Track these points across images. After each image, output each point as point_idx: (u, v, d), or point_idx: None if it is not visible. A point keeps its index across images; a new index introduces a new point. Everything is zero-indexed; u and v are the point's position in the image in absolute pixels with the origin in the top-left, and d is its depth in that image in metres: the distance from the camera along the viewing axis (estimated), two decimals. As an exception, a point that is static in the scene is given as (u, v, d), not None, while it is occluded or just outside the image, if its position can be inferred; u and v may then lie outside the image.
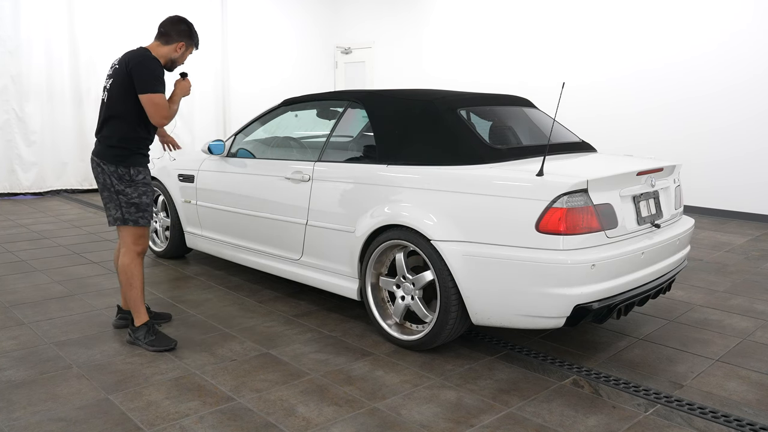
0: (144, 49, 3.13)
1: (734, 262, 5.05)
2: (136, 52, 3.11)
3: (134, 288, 3.14)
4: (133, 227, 3.12)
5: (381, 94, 3.63)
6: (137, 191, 3.11)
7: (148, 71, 3.02)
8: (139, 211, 3.11)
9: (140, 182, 3.12)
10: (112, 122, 3.11)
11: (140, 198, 3.11)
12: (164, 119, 3.07)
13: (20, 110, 8.21)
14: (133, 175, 3.11)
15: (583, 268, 2.64)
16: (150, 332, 3.14)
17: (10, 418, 2.42)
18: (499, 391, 2.72)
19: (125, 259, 3.14)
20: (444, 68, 9.76)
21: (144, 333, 3.14)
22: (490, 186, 2.84)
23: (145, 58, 3.05)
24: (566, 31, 8.28)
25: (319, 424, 2.41)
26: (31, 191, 8.45)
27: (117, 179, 3.09)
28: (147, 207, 3.15)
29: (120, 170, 3.09)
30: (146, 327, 3.15)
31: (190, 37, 3.23)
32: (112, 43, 8.87)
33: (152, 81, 3.01)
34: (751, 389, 2.76)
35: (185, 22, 3.23)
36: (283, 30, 10.74)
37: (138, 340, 3.14)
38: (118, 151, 3.10)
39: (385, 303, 3.32)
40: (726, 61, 6.93)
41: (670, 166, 3.35)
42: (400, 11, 10.37)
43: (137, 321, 3.16)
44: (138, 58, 3.05)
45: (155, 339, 3.13)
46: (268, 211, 3.88)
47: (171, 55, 3.20)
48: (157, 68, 3.07)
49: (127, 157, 3.10)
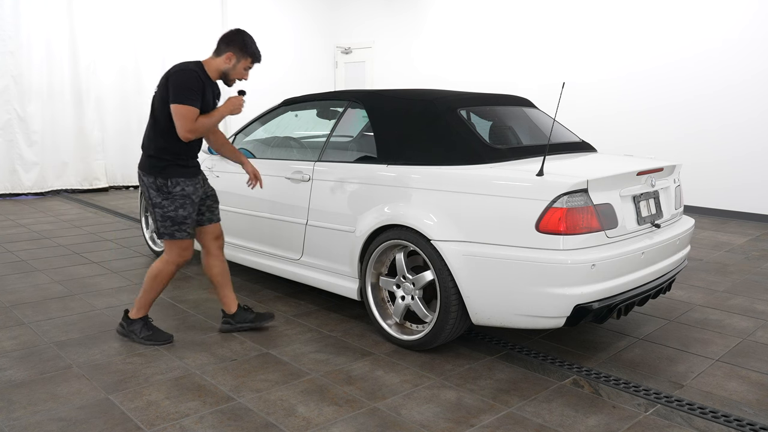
0: (188, 62, 3.06)
1: (734, 262, 5.04)
2: (178, 64, 3.05)
3: (154, 291, 3.16)
4: (174, 241, 3.08)
5: (381, 94, 3.63)
6: (174, 204, 3.04)
7: (180, 82, 2.94)
8: (174, 224, 3.05)
9: (177, 194, 3.04)
10: (151, 132, 3.09)
11: (176, 211, 3.04)
12: (188, 132, 2.95)
13: (21, 110, 8.22)
14: (171, 186, 3.03)
15: (583, 268, 2.64)
16: (146, 327, 3.17)
17: (10, 418, 2.42)
18: (499, 391, 2.72)
19: (161, 264, 3.12)
20: (444, 68, 9.76)
21: (140, 326, 3.16)
22: (490, 186, 2.84)
23: (181, 69, 2.99)
24: (566, 31, 8.28)
25: (319, 424, 2.41)
26: (33, 191, 8.45)
27: (155, 191, 3.06)
28: (184, 220, 3.06)
29: (158, 182, 3.04)
30: (143, 321, 3.18)
31: (240, 48, 3.07)
32: (112, 43, 8.91)
33: (181, 91, 2.92)
34: (751, 389, 2.76)
35: (237, 33, 3.10)
36: (283, 30, 10.74)
37: (132, 333, 3.16)
38: (155, 161, 3.06)
39: (385, 303, 3.32)
40: (726, 61, 6.93)
41: (670, 166, 3.35)
42: (400, 11, 10.37)
43: (134, 314, 3.18)
44: (175, 68, 3.01)
45: (152, 334, 3.15)
46: (268, 211, 3.89)
47: (222, 67, 3.09)
48: (191, 80, 2.95)
49: (163, 168, 3.04)
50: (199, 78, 2.99)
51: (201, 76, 3.01)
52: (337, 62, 11.49)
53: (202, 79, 3.01)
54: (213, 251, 3.31)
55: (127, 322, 3.20)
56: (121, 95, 9.12)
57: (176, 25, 9.49)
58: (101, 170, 9.03)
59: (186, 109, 2.93)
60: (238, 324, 3.37)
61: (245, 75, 3.16)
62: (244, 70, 3.14)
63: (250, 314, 3.39)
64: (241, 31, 3.11)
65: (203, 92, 3.01)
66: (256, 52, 3.13)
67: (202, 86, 3.00)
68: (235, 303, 3.39)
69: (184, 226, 3.07)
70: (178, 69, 2.99)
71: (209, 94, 3.08)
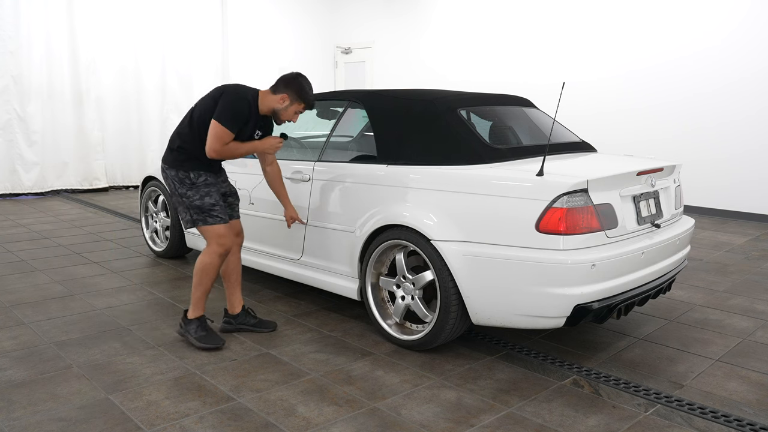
0: (246, 88, 3.12)
1: (734, 262, 5.04)
2: (235, 86, 3.12)
3: (203, 285, 3.13)
4: (206, 227, 3.10)
5: (381, 94, 3.63)
6: (198, 193, 3.09)
7: (229, 104, 3.01)
8: (203, 212, 3.09)
9: (201, 184, 3.10)
10: (183, 130, 3.14)
11: (202, 200, 3.09)
12: (214, 152, 3.01)
13: (22, 110, 8.22)
14: (194, 178, 3.10)
15: (583, 268, 2.64)
16: (201, 327, 3.15)
17: (10, 418, 2.42)
18: (499, 391, 2.72)
19: (205, 257, 3.12)
20: (444, 68, 9.76)
21: (195, 327, 3.14)
22: (490, 186, 2.84)
23: (237, 95, 3.05)
24: (566, 30, 8.28)
25: (319, 424, 2.41)
26: (33, 191, 8.45)
27: (179, 183, 3.11)
28: (212, 206, 3.10)
29: (180, 174, 3.10)
30: (198, 321, 3.16)
31: (296, 93, 3.11)
32: (112, 42, 8.91)
33: (226, 113, 2.99)
34: (751, 389, 2.76)
35: (297, 78, 3.14)
36: (283, 30, 10.74)
37: (188, 333, 3.14)
38: (177, 155, 3.12)
39: (385, 303, 3.32)
40: (726, 59, 6.93)
41: (670, 166, 3.35)
42: (400, 11, 10.37)
43: (192, 314, 3.17)
44: (233, 89, 3.08)
45: (206, 335, 3.13)
46: (268, 210, 3.89)
47: (274, 105, 3.13)
48: (241, 108, 3.03)
49: (185, 160, 3.11)
50: (249, 108, 3.07)
51: (252, 107, 3.08)
52: (337, 62, 11.49)
53: (252, 110, 3.08)
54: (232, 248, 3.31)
55: (184, 321, 3.18)
56: (121, 95, 9.12)
57: (176, 25, 9.49)
58: (101, 170, 9.03)
59: (222, 131, 2.99)
60: (238, 325, 3.37)
61: (294, 118, 3.19)
62: (295, 113, 3.16)
63: (252, 319, 3.39)
64: (300, 76, 3.15)
65: (246, 122, 3.09)
66: (310, 100, 3.16)
67: (248, 117, 3.08)
68: (240, 305, 3.40)
69: (213, 212, 3.10)
70: (235, 93, 3.06)
71: (251, 125, 3.14)
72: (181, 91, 9.66)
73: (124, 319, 3.58)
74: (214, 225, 3.10)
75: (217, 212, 3.11)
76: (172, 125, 9.66)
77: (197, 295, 3.15)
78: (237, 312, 3.39)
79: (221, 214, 3.12)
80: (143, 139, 9.42)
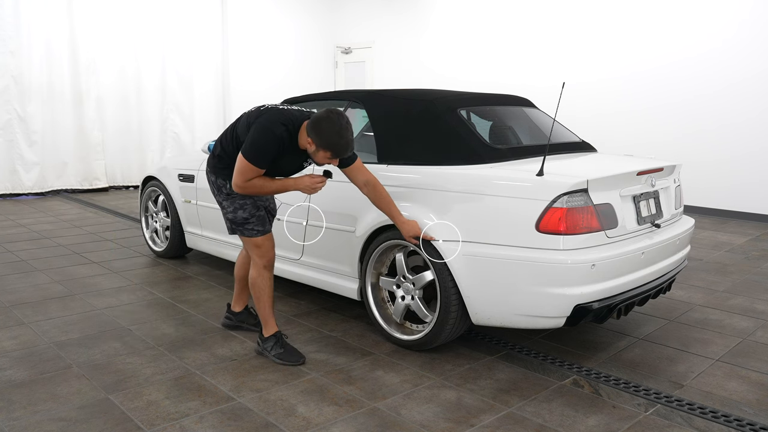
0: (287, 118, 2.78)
1: (734, 262, 5.04)
2: (270, 115, 2.80)
3: (261, 301, 3.04)
4: (244, 238, 3.02)
5: (381, 94, 3.63)
6: (233, 205, 2.98)
7: (257, 138, 2.74)
8: (237, 225, 2.99)
9: (236, 196, 2.97)
10: (224, 137, 3.01)
11: (235, 213, 2.98)
12: (235, 186, 2.81)
13: (22, 110, 8.22)
14: (229, 188, 2.99)
15: (583, 268, 2.64)
16: (278, 344, 3.03)
17: (10, 418, 2.42)
18: (499, 391, 2.72)
19: (252, 272, 3.04)
20: (444, 68, 9.76)
21: (272, 344, 3.04)
22: (490, 186, 2.84)
23: (267, 126, 2.74)
24: (566, 31, 8.28)
25: (319, 424, 2.41)
26: (33, 191, 8.45)
27: (217, 190, 3.05)
28: (245, 221, 2.97)
29: (219, 181, 3.03)
30: (275, 338, 3.05)
31: (321, 140, 2.66)
32: (112, 43, 8.91)
33: (252, 147, 2.73)
34: (751, 389, 2.76)
35: (321, 120, 2.66)
36: (283, 30, 10.75)
37: (266, 351, 3.06)
38: (216, 161, 3.03)
39: (385, 303, 3.32)
40: (726, 61, 6.93)
41: (670, 165, 3.35)
42: (400, 11, 10.37)
43: (266, 332, 3.08)
44: (263, 120, 2.78)
45: (284, 352, 3.02)
46: (268, 211, 3.88)
47: (305, 145, 2.79)
48: (267, 143, 2.72)
49: (223, 168, 2.99)
50: (281, 143, 2.76)
51: (285, 140, 2.76)
52: (337, 62, 11.49)
53: (284, 143, 2.77)
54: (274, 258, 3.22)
55: (262, 340, 3.09)
56: (122, 95, 9.12)
57: (176, 24, 9.49)
58: (101, 170, 9.03)
59: (246, 165, 2.75)
60: (238, 322, 3.39)
61: (330, 162, 2.77)
62: (326, 159, 2.75)
63: (253, 319, 3.39)
64: (327, 118, 2.66)
65: (280, 155, 2.81)
66: (333, 146, 2.67)
67: (280, 151, 2.78)
68: (244, 305, 3.42)
69: (248, 225, 2.98)
70: (265, 124, 2.75)
71: (288, 159, 2.89)
72: (181, 91, 9.66)
73: (124, 319, 3.58)
74: (251, 237, 3.00)
75: (253, 225, 2.98)
76: (172, 125, 9.67)
77: (262, 313, 3.07)
78: (239, 310, 3.41)
79: (258, 227, 2.98)
80: (143, 139, 9.42)
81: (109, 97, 9.00)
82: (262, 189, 2.84)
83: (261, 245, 3.01)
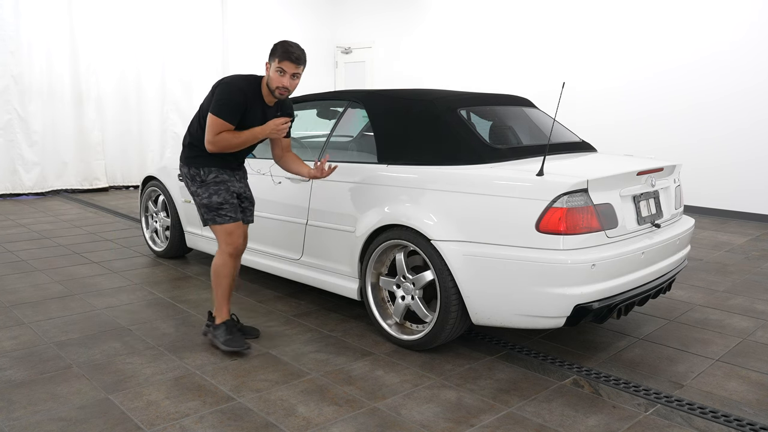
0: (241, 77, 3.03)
1: (734, 262, 5.04)
2: (231, 76, 3.04)
3: (221, 287, 3.11)
4: (217, 226, 3.07)
5: (381, 94, 3.63)
6: (207, 191, 3.06)
7: (221, 95, 2.94)
8: (211, 210, 3.05)
9: (211, 182, 3.06)
10: (192, 126, 3.12)
11: (210, 198, 3.05)
12: (207, 143, 2.96)
13: (22, 110, 8.22)
14: (204, 175, 3.07)
15: (583, 267, 2.64)
16: (227, 331, 3.10)
17: (10, 418, 2.42)
18: (499, 391, 2.72)
19: (218, 259, 3.11)
20: (444, 68, 9.76)
21: (222, 331, 3.10)
22: (490, 186, 2.84)
23: (229, 83, 2.97)
24: (567, 32, 8.27)
25: (319, 424, 2.41)
26: (33, 191, 8.45)
27: (191, 180, 3.11)
28: (220, 205, 3.05)
29: (191, 171, 3.09)
30: (225, 326, 3.12)
31: (270, 54, 2.93)
32: (112, 43, 8.91)
33: (218, 103, 2.92)
34: (751, 389, 2.76)
35: (280, 41, 2.97)
36: (283, 30, 10.73)
37: (215, 337, 3.12)
38: (188, 151, 3.12)
39: (385, 303, 3.32)
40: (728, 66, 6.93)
41: (670, 165, 3.35)
42: (400, 11, 10.37)
43: (218, 318, 3.15)
44: (226, 79, 3.01)
45: (231, 338, 3.08)
46: (268, 210, 3.89)
47: (267, 80, 2.99)
48: (232, 95, 2.92)
49: (195, 156, 3.09)
50: (242, 94, 2.94)
51: (247, 93, 2.96)
52: (337, 62, 11.49)
53: (247, 96, 2.95)
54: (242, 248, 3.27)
55: (212, 326, 3.15)
56: (122, 95, 9.12)
57: (176, 25, 9.49)
58: (101, 170, 9.03)
59: (214, 120, 2.93)
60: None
61: (281, 80, 2.93)
62: (279, 74, 2.93)
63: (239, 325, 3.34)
64: (279, 41, 2.98)
65: (246, 109, 2.97)
66: (280, 50, 2.91)
67: (245, 104, 2.96)
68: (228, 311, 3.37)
69: (222, 211, 3.06)
70: (227, 82, 2.98)
71: (256, 114, 3.03)
72: (181, 92, 9.66)
73: (124, 319, 3.58)
74: (224, 224, 3.07)
75: (226, 211, 3.07)
76: (173, 125, 9.67)
77: (218, 298, 3.13)
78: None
79: (230, 213, 3.07)
80: (143, 139, 9.42)
81: (109, 97, 9.00)
82: (232, 141, 2.97)
83: (232, 232, 3.08)
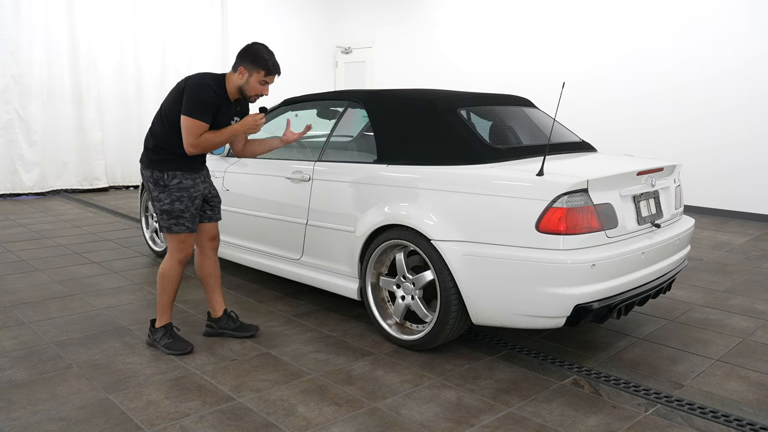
0: (208, 75, 3.01)
1: (734, 262, 5.04)
2: (197, 75, 3.00)
3: (166, 293, 3.10)
4: (170, 234, 3.03)
5: (381, 94, 3.63)
6: (170, 197, 2.99)
7: (194, 94, 2.89)
8: (171, 218, 2.99)
9: (174, 187, 2.99)
10: (155, 128, 3.05)
11: (172, 204, 2.98)
12: (190, 146, 2.91)
13: (22, 110, 8.22)
14: (167, 180, 2.99)
15: (583, 267, 2.64)
16: (167, 335, 3.11)
17: (10, 418, 2.42)
18: (499, 390, 2.72)
19: (166, 264, 3.08)
20: (444, 68, 9.75)
21: (161, 335, 3.11)
22: (490, 186, 2.84)
23: (199, 82, 2.93)
24: (568, 32, 8.27)
25: (319, 424, 2.41)
26: (33, 191, 8.45)
27: (153, 184, 3.03)
28: (182, 213, 3.00)
29: (155, 175, 3.01)
30: (164, 329, 3.12)
31: (251, 61, 2.95)
32: (112, 43, 8.91)
33: (192, 104, 2.88)
34: (751, 389, 2.76)
35: (250, 46, 3.00)
36: (283, 30, 10.75)
37: (156, 341, 3.11)
38: (152, 155, 3.04)
39: (385, 303, 3.32)
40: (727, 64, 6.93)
41: (670, 165, 3.35)
42: (400, 11, 10.37)
43: (159, 322, 3.13)
44: (194, 79, 2.96)
45: (172, 342, 3.09)
46: (268, 210, 3.89)
47: (238, 83, 2.98)
48: (204, 94, 2.89)
49: (160, 161, 3.00)
50: (214, 93, 2.92)
51: (217, 92, 2.94)
52: (337, 62, 11.49)
53: (217, 95, 2.94)
54: (206, 251, 3.27)
55: (152, 330, 3.15)
56: (122, 95, 9.12)
57: (176, 25, 9.49)
58: (101, 170, 9.03)
59: (193, 123, 2.88)
60: (219, 329, 3.33)
61: (262, 90, 3.02)
62: (260, 84, 3.00)
63: (233, 323, 3.34)
64: (254, 43, 3.01)
65: (218, 109, 2.96)
66: (268, 64, 2.96)
67: (217, 103, 2.95)
68: (222, 308, 3.35)
69: (181, 219, 3.01)
70: (196, 81, 2.93)
71: (224, 111, 3.02)
72: (181, 92, 9.66)
73: (124, 319, 3.58)
74: (179, 233, 3.02)
75: (185, 220, 3.02)
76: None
77: (162, 304, 3.12)
78: (219, 316, 3.34)
79: (188, 223, 3.03)
80: (143, 139, 9.40)
81: (109, 98, 9.00)
82: (215, 140, 2.97)
83: (185, 241, 3.07)
